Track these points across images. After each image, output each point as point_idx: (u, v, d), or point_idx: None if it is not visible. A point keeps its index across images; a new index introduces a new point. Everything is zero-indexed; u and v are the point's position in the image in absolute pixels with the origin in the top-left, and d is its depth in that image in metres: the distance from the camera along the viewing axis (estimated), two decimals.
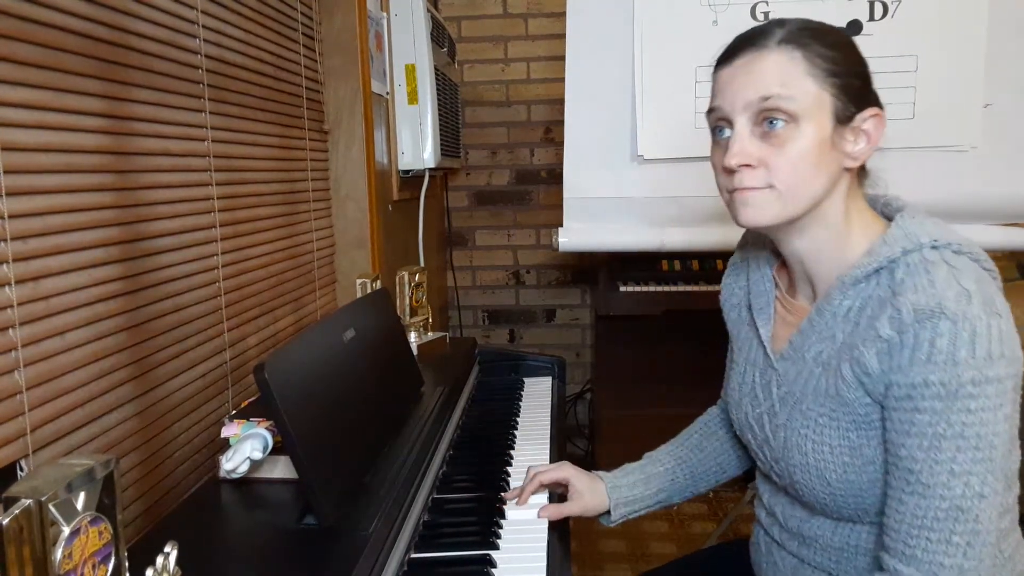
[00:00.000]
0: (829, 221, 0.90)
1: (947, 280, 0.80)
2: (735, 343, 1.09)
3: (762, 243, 1.06)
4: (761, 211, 0.88)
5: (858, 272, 0.87)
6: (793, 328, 0.96)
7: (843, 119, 0.86)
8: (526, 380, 1.75)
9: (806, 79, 0.85)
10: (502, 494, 1.16)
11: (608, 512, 1.15)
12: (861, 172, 0.93)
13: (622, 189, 1.80)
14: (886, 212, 0.94)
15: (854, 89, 0.87)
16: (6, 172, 0.80)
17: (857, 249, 0.89)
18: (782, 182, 0.86)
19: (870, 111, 0.88)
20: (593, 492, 1.14)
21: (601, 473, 1.17)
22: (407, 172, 2.17)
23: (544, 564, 0.98)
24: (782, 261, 1.02)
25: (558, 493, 1.17)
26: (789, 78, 0.85)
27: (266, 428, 1.02)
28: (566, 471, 1.15)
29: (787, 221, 0.89)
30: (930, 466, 0.79)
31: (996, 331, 0.78)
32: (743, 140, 0.87)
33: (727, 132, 0.89)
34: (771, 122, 0.85)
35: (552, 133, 2.99)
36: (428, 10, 2.12)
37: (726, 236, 1.80)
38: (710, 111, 0.92)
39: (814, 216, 0.89)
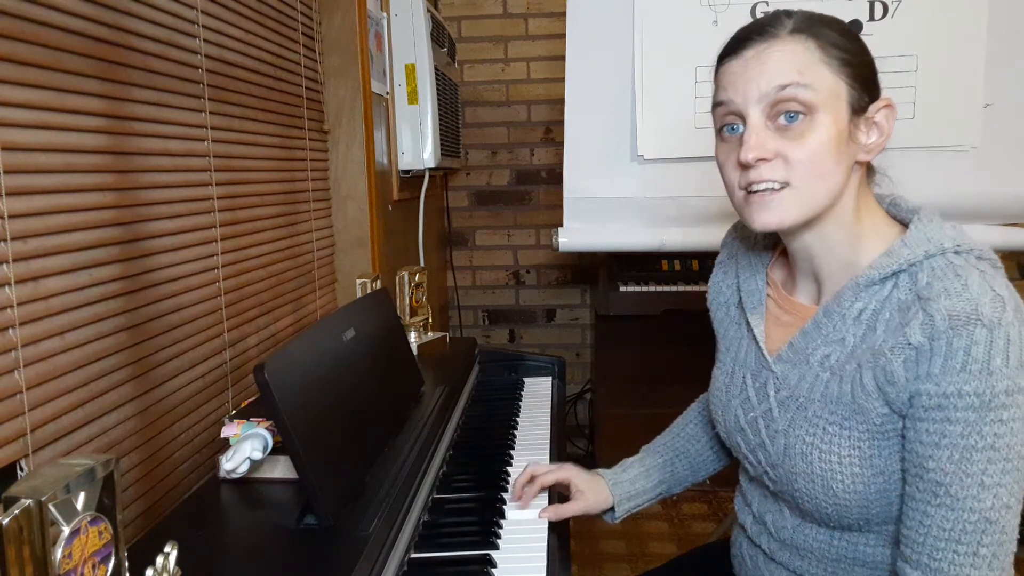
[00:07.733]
0: (842, 218, 0.87)
1: (981, 285, 0.77)
2: (722, 343, 1.05)
3: (752, 238, 1.02)
4: (780, 214, 0.84)
5: (874, 273, 0.84)
6: (790, 328, 0.93)
7: (858, 109, 0.84)
8: (526, 380, 1.75)
9: (821, 68, 0.82)
10: (503, 494, 1.15)
11: (611, 509, 1.14)
12: (869, 169, 0.91)
13: (622, 189, 1.80)
14: (893, 212, 0.91)
15: (866, 78, 0.84)
16: (6, 172, 0.80)
17: (871, 249, 0.86)
18: (800, 178, 0.82)
19: (882, 101, 0.86)
20: (595, 490, 1.13)
21: (601, 471, 1.17)
22: (407, 172, 2.17)
23: (544, 564, 0.98)
24: (776, 257, 0.99)
25: (559, 493, 1.17)
26: (805, 67, 0.81)
27: (266, 428, 1.02)
28: (567, 472, 1.14)
29: (806, 221, 0.86)
30: (960, 478, 0.76)
31: None
32: (759, 132, 0.83)
33: (739, 128, 0.85)
34: (789, 116, 0.82)
35: (552, 133, 2.99)
36: (428, 10, 2.12)
37: None
38: (717, 105, 0.88)
39: (828, 212, 0.86)
